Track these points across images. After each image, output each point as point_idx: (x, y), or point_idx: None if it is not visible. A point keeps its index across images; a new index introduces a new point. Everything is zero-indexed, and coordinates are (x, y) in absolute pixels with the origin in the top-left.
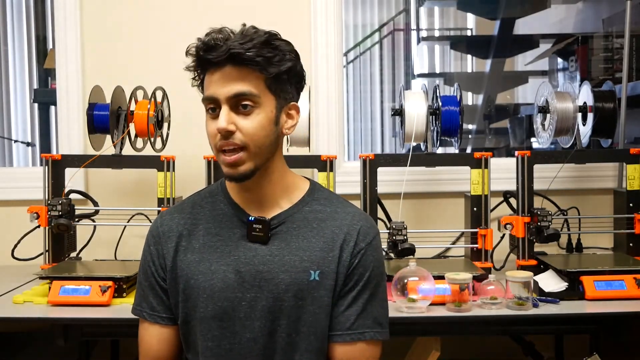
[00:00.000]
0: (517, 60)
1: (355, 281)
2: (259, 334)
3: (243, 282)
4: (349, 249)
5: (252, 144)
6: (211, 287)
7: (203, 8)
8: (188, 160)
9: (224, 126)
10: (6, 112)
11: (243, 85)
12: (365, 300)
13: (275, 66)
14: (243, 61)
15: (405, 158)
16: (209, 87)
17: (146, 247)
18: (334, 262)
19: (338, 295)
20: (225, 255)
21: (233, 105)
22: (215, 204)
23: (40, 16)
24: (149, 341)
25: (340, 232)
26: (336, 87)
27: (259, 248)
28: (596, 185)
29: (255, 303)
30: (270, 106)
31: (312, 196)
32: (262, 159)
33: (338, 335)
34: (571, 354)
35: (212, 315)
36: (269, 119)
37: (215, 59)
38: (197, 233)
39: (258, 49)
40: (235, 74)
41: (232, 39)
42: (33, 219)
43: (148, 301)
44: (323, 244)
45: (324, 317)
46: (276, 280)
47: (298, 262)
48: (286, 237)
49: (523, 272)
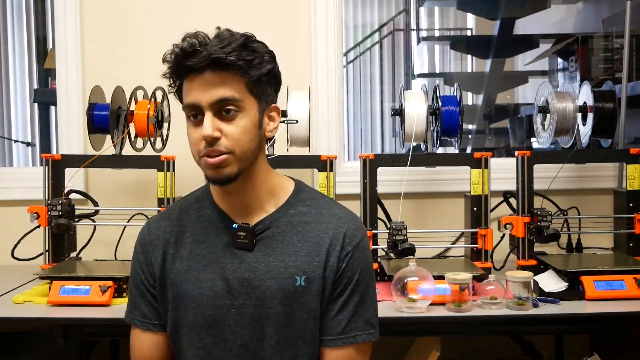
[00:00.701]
0: (517, 60)
1: (344, 285)
2: (249, 341)
3: (231, 289)
4: (336, 253)
5: (237, 149)
6: (200, 296)
7: (203, 8)
8: (188, 160)
9: (209, 133)
10: (6, 112)
11: (225, 90)
12: (356, 303)
13: (256, 69)
14: (224, 66)
15: (405, 158)
16: (189, 94)
17: (135, 255)
18: (320, 267)
19: (328, 300)
20: (213, 263)
21: (216, 111)
22: (201, 209)
23: (40, 16)
24: (142, 348)
25: (326, 236)
26: (336, 87)
27: (245, 255)
28: (596, 185)
29: (244, 310)
30: (253, 110)
31: (297, 198)
32: (246, 162)
33: (330, 340)
34: (571, 354)
35: (202, 324)
36: (252, 122)
37: (196, 65)
38: (184, 240)
39: (238, 52)
40: (216, 79)
41: (210, 44)
42: (33, 219)
43: (139, 309)
44: (308, 249)
45: (312, 323)
46: (263, 287)
47: (283, 268)
48: (271, 243)
49: (523, 272)
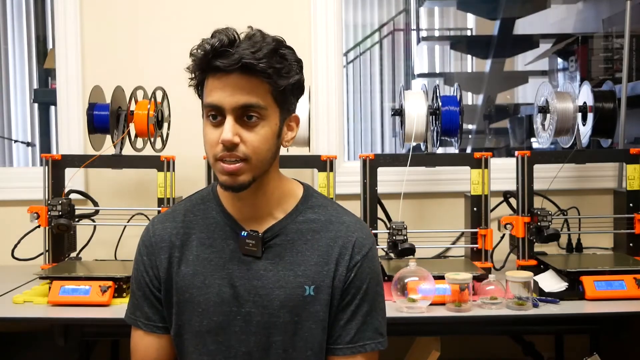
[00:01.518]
0: (517, 60)
1: (352, 295)
2: (254, 349)
3: (238, 296)
4: (345, 263)
5: (254, 157)
6: (206, 302)
7: (203, 8)
8: (188, 160)
9: (229, 138)
10: (6, 112)
11: (251, 96)
12: (365, 312)
13: (284, 78)
14: (254, 72)
15: (405, 158)
16: (212, 93)
17: (138, 257)
18: (329, 277)
19: (336, 309)
20: (219, 268)
21: (238, 116)
22: (207, 211)
23: (40, 16)
24: (145, 351)
25: (335, 245)
26: (336, 87)
27: (253, 262)
28: (596, 185)
29: (250, 318)
30: (275, 119)
31: (305, 204)
32: (260, 171)
33: (339, 349)
34: (571, 354)
35: (207, 330)
36: (273, 132)
37: (225, 66)
38: (190, 244)
39: (268, 58)
40: (243, 83)
41: (242, 46)
42: (33, 219)
43: (143, 311)
44: (318, 258)
45: (320, 332)
46: (271, 296)
47: (292, 277)
48: (280, 252)
49: (523, 272)
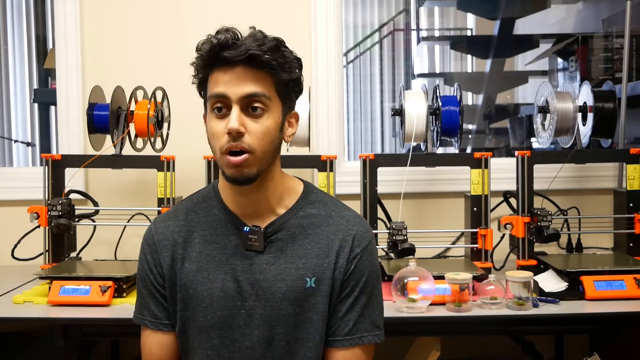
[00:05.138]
0: (517, 60)
1: (352, 287)
2: (257, 343)
3: (241, 290)
4: (345, 255)
5: (259, 148)
6: (210, 297)
7: (203, 8)
8: (188, 160)
9: (236, 127)
10: (6, 112)
11: (256, 86)
12: (363, 305)
13: (286, 72)
14: (259, 63)
15: (405, 158)
16: (217, 85)
17: (142, 256)
18: (330, 269)
19: (335, 301)
20: (223, 263)
21: (243, 107)
22: (209, 209)
23: (40, 16)
24: (152, 349)
25: (335, 238)
26: (336, 87)
27: (255, 256)
28: (596, 185)
29: (254, 312)
30: (277, 112)
31: (306, 200)
32: (265, 164)
33: (337, 340)
34: (571, 354)
35: (212, 324)
36: (276, 124)
37: (232, 57)
38: (192, 241)
39: (272, 52)
40: (248, 74)
41: (247, 41)
42: (33, 219)
43: (149, 309)
44: (318, 251)
45: (321, 324)
46: (273, 289)
47: (294, 269)
48: (282, 246)
49: (523, 272)
